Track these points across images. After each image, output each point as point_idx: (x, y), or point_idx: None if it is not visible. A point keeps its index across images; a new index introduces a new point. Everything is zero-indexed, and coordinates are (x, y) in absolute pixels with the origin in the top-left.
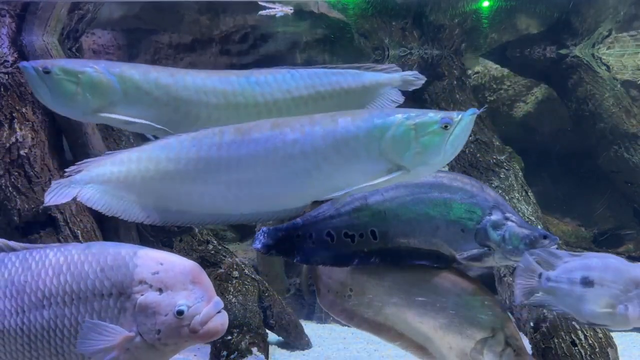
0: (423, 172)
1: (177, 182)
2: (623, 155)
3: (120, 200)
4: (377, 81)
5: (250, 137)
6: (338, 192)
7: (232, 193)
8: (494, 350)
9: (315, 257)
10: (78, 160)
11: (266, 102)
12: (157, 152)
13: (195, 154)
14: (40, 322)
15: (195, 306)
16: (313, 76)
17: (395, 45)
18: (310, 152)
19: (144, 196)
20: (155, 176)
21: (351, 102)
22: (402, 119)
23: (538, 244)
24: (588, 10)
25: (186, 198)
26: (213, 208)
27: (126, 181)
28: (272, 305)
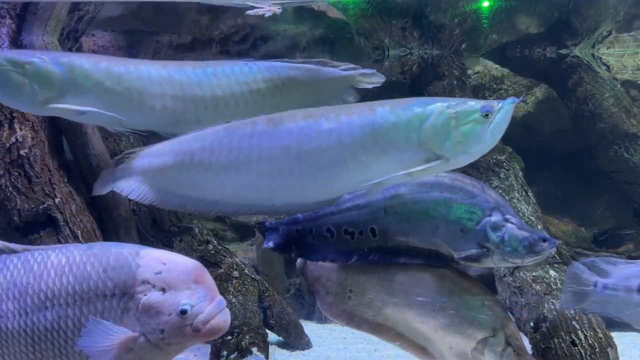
0: (463, 161)
1: (211, 172)
2: (623, 155)
3: (157, 190)
4: (334, 77)
5: (283, 127)
6: (374, 181)
7: (265, 184)
8: (494, 350)
9: (314, 252)
10: (78, 160)
11: (224, 94)
12: (192, 143)
13: (227, 144)
14: (43, 323)
15: (199, 305)
16: (271, 69)
17: (395, 45)
18: (348, 142)
19: (180, 186)
20: (191, 167)
21: (308, 97)
22: (442, 108)
23: (537, 247)
24: (588, 10)
25: (220, 188)
26: (246, 198)
27: (163, 172)
28: (272, 305)
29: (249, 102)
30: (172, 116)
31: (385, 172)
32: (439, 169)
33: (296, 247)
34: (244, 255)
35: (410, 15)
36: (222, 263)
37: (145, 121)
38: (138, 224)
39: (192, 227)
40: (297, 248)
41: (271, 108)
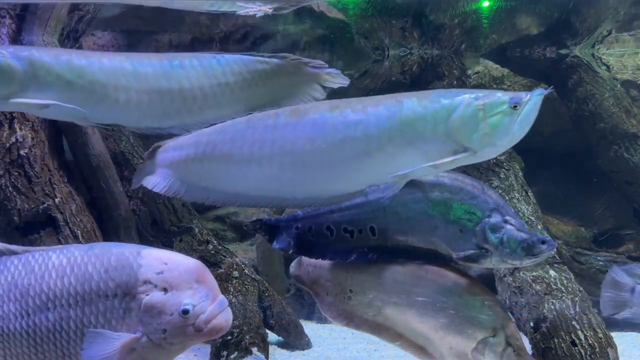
0: (490, 153)
1: (232, 164)
2: (623, 155)
3: (181, 182)
4: (299, 73)
5: (307, 118)
6: (400, 172)
7: (288, 176)
8: (494, 350)
9: (313, 250)
10: (78, 160)
11: (191, 87)
12: (213, 135)
13: (249, 135)
14: (45, 324)
15: (200, 305)
16: (240, 63)
17: (395, 45)
18: (374, 134)
19: (202, 178)
20: (212, 159)
21: (276, 92)
22: (470, 99)
23: (536, 249)
24: (588, 10)
25: (242, 180)
26: (268, 191)
27: (185, 164)
28: (272, 305)
29: (217, 95)
30: (137, 109)
31: (411, 164)
32: (466, 161)
33: (295, 245)
34: (244, 255)
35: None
36: (222, 263)
37: (110, 115)
38: (138, 224)
39: (192, 227)
40: (296, 245)
41: (239, 102)
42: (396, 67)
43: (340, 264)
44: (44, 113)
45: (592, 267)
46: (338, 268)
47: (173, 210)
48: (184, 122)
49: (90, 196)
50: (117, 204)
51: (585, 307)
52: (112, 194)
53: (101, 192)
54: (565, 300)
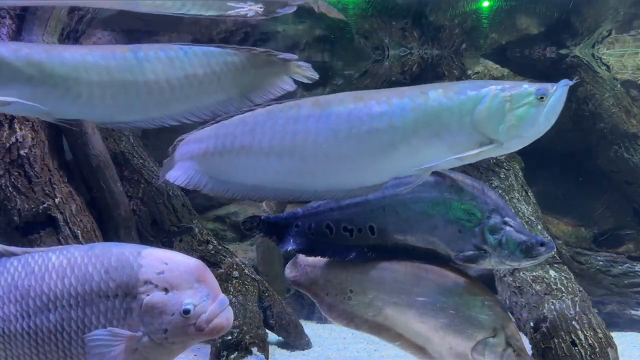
0: (516, 145)
1: (253, 157)
2: (623, 155)
3: (202, 175)
4: (269, 65)
5: (330, 110)
6: (425, 165)
7: (308, 168)
8: (494, 350)
9: (313, 247)
10: (78, 160)
11: (157, 79)
12: (232, 127)
13: (270, 127)
14: (47, 325)
15: (201, 305)
16: (208, 54)
17: (395, 45)
18: (399, 126)
19: (222, 171)
20: (232, 151)
21: (245, 84)
22: (496, 91)
23: (535, 251)
24: (588, 10)
25: (262, 173)
26: (288, 183)
27: (205, 157)
28: (272, 305)
29: (185, 87)
30: (101, 104)
31: (436, 156)
32: (492, 153)
33: (295, 242)
34: (244, 255)
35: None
36: (222, 263)
37: (73, 110)
38: (138, 224)
39: (192, 227)
40: (295, 243)
41: (208, 94)
42: (396, 67)
43: (340, 264)
44: (7, 109)
45: (592, 267)
46: (338, 268)
47: (173, 210)
48: (151, 116)
49: (90, 196)
50: (117, 204)
51: (585, 307)
52: (112, 194)
53: (101, 192)
54: (565, 300)
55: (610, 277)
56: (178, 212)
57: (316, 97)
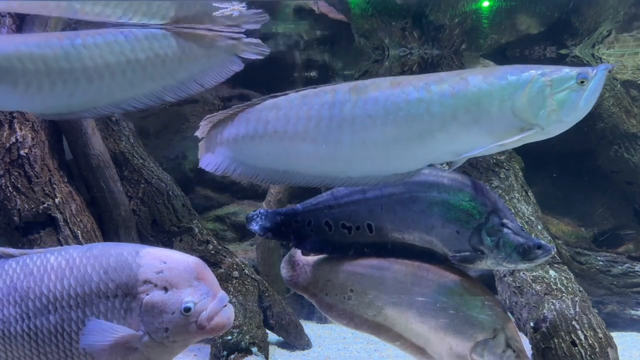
0: (557, 129)
1: (286, 142)
2: (623, 155)
3: (231, 161)
4: (216, 45)
5: (367, 96)
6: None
7: (343, 155)
8: (494, 351)
9: (312, 243)
10: (78, 160)
11: (96, 66)
12: (266, 112)
13: (305, 113)
14: (47, 327)
15: (202, 302)
16: (150, 38)
17: (395, 45)
18: (438, 112)
19: (254, 156)
20: (264, 136)
21: (192, 66)
22: (537, 75)
23: (532, 254)
24: (588, 10)
25: (294, 158)
26: (321, 170)
27: (235, 141)
28: (272, 305)
29: (127, 73)
30: (39, 94)
31: (474, 143)
32: (532, 139)
33: (295, 238)
34: (244, 255)
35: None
36: (222, 263)
37: (10, 101)
38: (138, 224)
39: (192, 227)
40: (295, 238)
41: (153, 79)
42: (396, 67)
43: (340, 264)
44: None
45: (592, 267)
46: (338, 268)
47: (173, 210)
48: (94, 105)
49: (90, 196)
50: (117, 204)
51: (585, 307)
52: (112, 194)
53: (101, 192)
54: (565, 300)
55: (610, 277)
56: (178, 212)
57: (353, 82)
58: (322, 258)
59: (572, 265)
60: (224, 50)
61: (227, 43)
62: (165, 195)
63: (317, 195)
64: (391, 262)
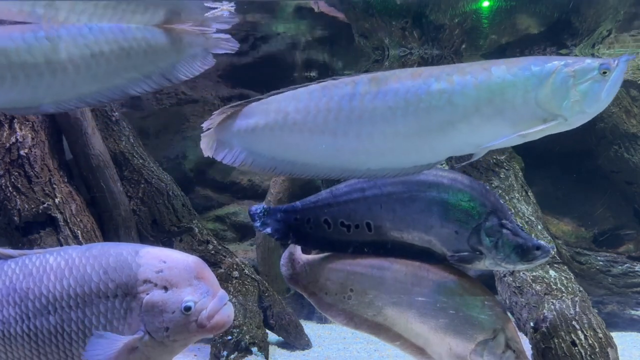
0: (579, 120)
1: (305, 134)
2: (623, 155)
3: (249, 152)
4: (184, 39)
5: (388, 87)
6: (489, 144)
7: (363, 147)
8: (494, 352)
9: (311, 241)
10: (78, 160)
11: (59, 59)
12: (285, 103)
13: (325, 104)
14: (47, 327)
15: (202, 301)
16: (116, 31)
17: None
18: (460, 103)
19: (272, 148)
20: (284, 127)
21: (160, 61)
22: (560, 66)
23: (530, 255)
24: (588, 10)
25: (313, 151)
26: (340, 162)
27: (254, 133)
28: (272, 305)
29: (92, 66)
30: (1, 87)
31: (496, 134)
32: (555, 130)
33: (294, 235)
34: (244, 255)
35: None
36: (222, 263)
37: None
38: (138, 224)
39: (192, 227)
40: (294, 235)
41: (119, 73)
42: (396, 67)
43: (340, 263)
44: None
45: (592, 267)
46: (338, 267)
47: (173, 210)
48: (57, 99)
49: (90, 196)
50: (117, 204)
51: (585, 307)
52: (112, 194)
53: (101, 192)
54: (565, 300)
55: (610, 277)
56: (178, 212)
57: (373, 73)
58: (322, 257)
59: (572, 265)
60: (192, 45)
61: (196, 38)
62: (165, 195)
63: (316, 193)
64: (391, 262)
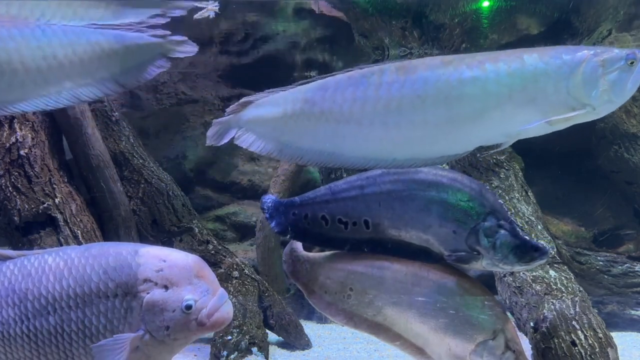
0: (606, 109)
1: (332, 123)
2: (623, 155)
3: (276, 141)
4: (139, 44)
5: (416, 75)
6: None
7: (389, 136)
8: (494, 353)
9: (308, 236)
10: (78, 160)
11: (10, 60)
12: (312, 93)
13: (351, 94)
14: (46, 328)
15: (202, 300)
16: (69, 33)
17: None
18: (493, 91)
19: (299, 137)
20: (310, 116)
21: (114, 65)
22: (590, 55)
23: (528, 256)
24: (588, 10)
25: (340, 140)
26: (366, 152)
27: (282, 122)
28: (272, 305)
29: (43, 69)
30: None
31: (527, 123)
32: (583, 119)
33: (292, 229)
34: (244, 255)
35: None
36: (222, 263)
37: None
38: (138, 224)
39: (192, 227)
40: (292, 230)
41: (71, 77)
42: None
43: (341, 262)
44: None
45: (592, 267)
46: (338, 266)
47: (173, 210)
48: (5, 100)
49: (90, 196)
50: (117, 204)
51: (585, 307)
52: (112, 194)
53: (101, 192)
54: (565, 300)
55: (610, 277)
56: (178, 212)
57: (401, 62)
58: (323, 255)
59: (572, 265)
60: (149, 49)
61: (153, 42)
62: (165, 195)
63: (315, 189)
64: (391, 262)
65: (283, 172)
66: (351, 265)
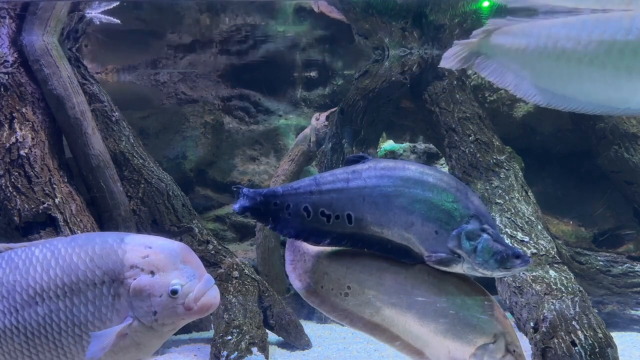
0: None
1: (573, 63)
2: (623, 155)
3: (514, 74)
4: None
5: None
6: None
7: (631, 84)
8: (494, 356)
9: (288, 228)
10: (78, 160)
11: None
12: (557, 29)
13: (598, 36)
14: (35, 319)
15: (188, 284)
16: None
17: (395, 45)
18: None
19: (536, 73)
20: (552, 54)
21: None
22: None
23: (509, 263)
24: None
25: (576, 82)
26: (601, 97)
27: (523, 55)
28: (272, 305)
29: None
30: None
31: None
32: None
33: (273, 220)
34: (244, 255)
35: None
36: (222, 263)
37: None
38: (138, 224)
39: (192, 227)
40: (273, 220)
41: None
42: (396, 67)
43: (341, 259)
44: None
45: (592, 267)
46: (338, 263)
47: (173, 210)
48: None
49: (90, 196)
50: (117, 204)
51: (585, 307)
52: (112, 194)
53: (101, 192)
54: (565, 301)
55: (610, 277)
56: (178, 212)
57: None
58: (324, 250)
59: (572, 265)
60: None
61: None
62: (165, 195)
63: (299, 180)
64: (391, 263)
65: (283, 172)
66: (351, 263)
